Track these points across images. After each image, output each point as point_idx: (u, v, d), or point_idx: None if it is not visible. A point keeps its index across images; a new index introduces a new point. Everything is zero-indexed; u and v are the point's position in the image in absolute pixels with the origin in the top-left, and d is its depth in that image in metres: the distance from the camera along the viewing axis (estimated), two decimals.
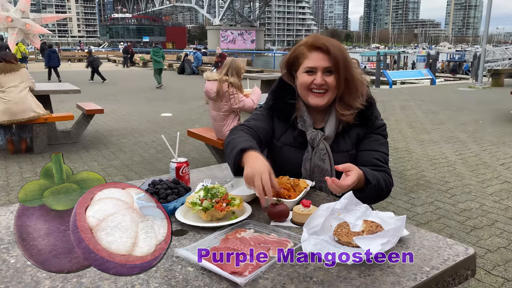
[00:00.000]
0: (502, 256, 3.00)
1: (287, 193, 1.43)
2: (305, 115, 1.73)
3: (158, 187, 1.40)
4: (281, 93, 1.80)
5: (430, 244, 1.18)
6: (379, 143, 1.72)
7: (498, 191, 4.36)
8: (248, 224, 1.30)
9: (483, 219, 3.67)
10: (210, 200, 1.33)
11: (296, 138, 1.75)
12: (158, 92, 13.60)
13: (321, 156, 1.69)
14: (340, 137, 1.72)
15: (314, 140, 1.70)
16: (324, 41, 1.64)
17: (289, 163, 1.75)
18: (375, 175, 1.55)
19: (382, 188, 1.56)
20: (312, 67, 1.65)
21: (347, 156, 1.70)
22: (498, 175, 4.86)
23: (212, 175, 1.84)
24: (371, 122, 1.71)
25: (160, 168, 5.22)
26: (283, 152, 1.77)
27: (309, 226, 1.21)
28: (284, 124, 1.79)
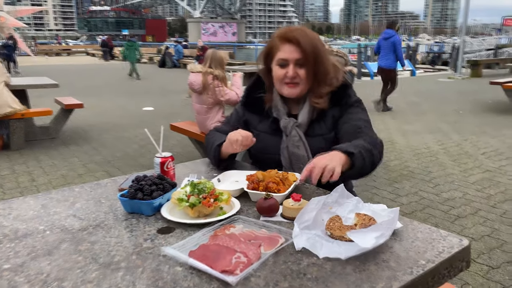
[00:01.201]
0: (486, 244, 3.04)
1: (276, 187, 1.39)
2: (279, 104, 1.75)
3: (143, 183, 1.34)
4: (254, 88, 1.84)
5: (424, 236, 1.16)
6: (356, 113, 1.70)
7: (480, 180, 4.42)
8: (237, 220, 1.25)
9: (466, 208, 3.71)
10: (197, 196, 1.28)
11: (270, 125, 1.77)
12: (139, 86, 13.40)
13: (295, 143, 1.70)
14: (316, 122, 1.72)
15: (287, 127, 1.71)
16: (295, 34, 1.64)
17: (267, 149, 1.77)
18: (355, 144, 1.48)
19: (370, 150, 1.48)
20: (284, 59, 1.66)
21: (322, 140, 1.70)
22: (480, 164, 4.93)
23: (197, 169, 1.79)
24: (344, 101, 1.71)
25: (144, 164, 5.13)
26: (260, 138, 1.76)
27: (301, 221, 1.17)
28: (259, 115, 1.81)
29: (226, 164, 1.76)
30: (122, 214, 1.34)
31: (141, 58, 17.87)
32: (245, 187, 1.43)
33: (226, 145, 1.65)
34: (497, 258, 2.84)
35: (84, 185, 1.61)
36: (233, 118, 1.91)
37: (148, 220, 1.29)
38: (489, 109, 8.57)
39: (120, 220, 1.30)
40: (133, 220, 1.29)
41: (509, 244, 3.02)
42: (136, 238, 1.18)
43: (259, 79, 1.84)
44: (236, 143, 1.58)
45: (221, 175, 1.61)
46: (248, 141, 1.60)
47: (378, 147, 1.55)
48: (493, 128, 6.80)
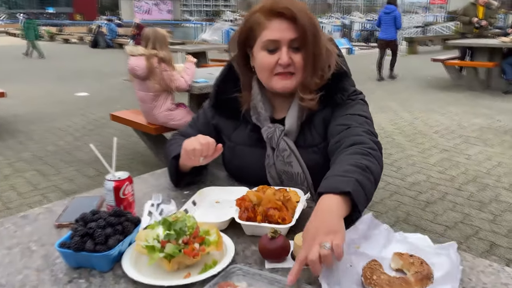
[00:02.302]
0: (462, 232, 2.91)
1: (279, 215, 1.04)
2: (260, 105, 1.32)
3: (92, 225, 0.93)
4: (224, 84, 1.40)
5: (491, 280, 0.86)
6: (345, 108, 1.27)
7: (440, 160, 4.36)
8: (236, 272, 0.89)
9: (433, 192, 3.60)
10: (175, 242, 0.89)
11: (250, 134, 1.36)
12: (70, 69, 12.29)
13: (286, 159, 1.29)
14: (306, 128, 1.32)
15: (272, 138, 1.30)
16: (287, 4, 1.21)
17: (247, 166, 1.37)
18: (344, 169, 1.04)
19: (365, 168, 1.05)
20: (273, 40, 1.22)
21: (318, 153, 1.30)
22: (436, 144, 4.89)
23: (160, 185, 1.39)
24: (338, 97, 1.28)
25: (81, 158, 4.54)
26: (237, 153, 1.38)
27: (326, 274, 0.84)
28: (234, 121, 1.39)
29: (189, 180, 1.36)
30: (64, 271, 0.93)
31: (40, 37, 17.93)
32: (236, 217, 1.06)
33: (183, 158, 1.24)
34: (476, 248, 2.71)
35: (4, 221, 1.16)
36: (200, 120, 1.47)
37: (104, 280, 0.89)
38: (432, 86, 8.73)
39: (62, 282, 0.89)
40: (82, 282, 0.89)
41: (484, 231, 2.92)
42: None
43: (230, 71, 1.39)
44: (194, 155, 1.19)
45: (196, 196, 1.23)
46: (210, 151, 1.19)
47: (375, 155, 1.12)
48: (439, 105, 6.89)
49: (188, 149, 1.18)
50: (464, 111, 6.40)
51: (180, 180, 1.34)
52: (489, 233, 2.90)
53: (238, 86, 1.36)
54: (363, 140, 1.16)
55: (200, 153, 1.16)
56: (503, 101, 7.05)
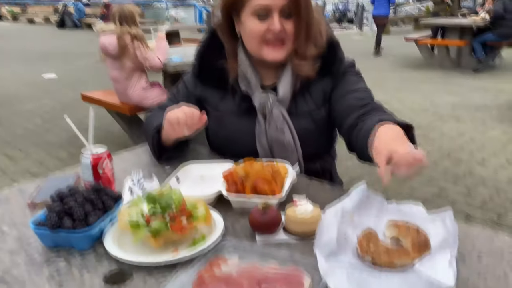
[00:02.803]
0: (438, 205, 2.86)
1: (268, 187, 1.00)
2: (249, 72, 1.28)
3: (70, 201, 0.86)
4: (208, 52, 1.33)
5: (489, 248, 0.85)
6: (353, 81, 1.29)
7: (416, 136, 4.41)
8: (226, 246, 0.85)
9: None
10: (161, 217, 0.84)
11: (239, 103, 1.30)
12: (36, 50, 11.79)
13: (278, 126, 1.26)
14: (299, 96, 1.29)
15: (265, 105, 1.26)
16: None
17: (236, 138, 1.32)
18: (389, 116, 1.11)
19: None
20: (264, 5, 1.17)
21: (310, 120, 1.29)
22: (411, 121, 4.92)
23: (139, 162, 1.32)
24: (336, 68, 1.29)
25: (51, 141, 4.37)
26: (225, 124, 1.33)
27: (321, 245, 0.81)
28: (220, 91, 1.34)
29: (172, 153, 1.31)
30: (40, 252, 0.86)
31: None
32: (223, 190, 1.02)
33: (166, 129, 1.18)
34: None
35: None
36: (181, 93, 1.40)
37: (84, 258, 0.83)
38: (405, 65, 8.82)
39: (39, 264, 0.82)
40: (61, 263, 0.82)
41: (459, 203, 2.99)
42: None
43: (213, 38, 1.32)
44: (178, 125, 1.12)
45: (180, 172, 1.17)
46: (194, 120, 1.13)
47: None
48: (412, 84, 6.97)
49: (172, 118, 1.11)
50: (437, 89, 6.50)
51: (162, 154, 1.28)
52: (464, 205, 2.96)
53: (222, 53, 1.29)
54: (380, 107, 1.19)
55: (184, 123, 1.10)
56: (474, 79, 7.20)
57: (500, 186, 3.22)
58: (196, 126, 1.15)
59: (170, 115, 1.12)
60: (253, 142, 1.28)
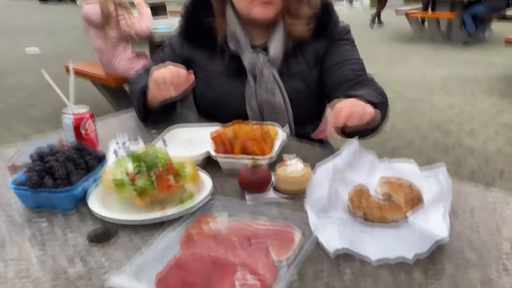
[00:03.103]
0: None
1: (258, 147, 0.97)
2: (238, 31, 1.23)
3: (50, 160, 0.82)
4: (195, 10, 1.29)
5: (480, 203, 0.84)
6: (347, 50, 1.27)
7: (404, 109, 4.41)
8: (215, 205, 0.82)
9: (399, 140, 3.65)
10: (147, 175, 0.81)
11: (228, 64, 1.26)
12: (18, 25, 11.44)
13: (269, 87, 1.23)
14: (291, 57, 1.26)
15: (255, 65, 1.22)
16: None
17: (225, 100, 1.28)
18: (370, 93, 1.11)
19: (385, 104, 1.15)
20: None
21: (301, 81, 1.25)
22: (400, 94, 4.94)
23: (124, 126, 1.28)
24: (330, 29, 1.26)
25: (35, 116, 4.28)
26: (213, 85, 1.28)
27: (312, 202, 0.79)
28: (208, 51, 1.29)
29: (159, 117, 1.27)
30: (21, 213, 0.83)
31: None
32: (211, 151, 0.99)
33: (152, 89, 1.14)
34: None
35: None
36: (167, 55, 1.34)
37: (68, 219, 0.81)
38: (395, 38, 8.75)
39: (20, 225, 0.79)
40: (43, 224, 0.79)
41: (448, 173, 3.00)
42: (54, 258, 0.69)
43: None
44: (164, 85, 1.08)
45: (166, 135, 1.14)
46: (181, 80, 1.09)
47: (386, 98, 1.19)
48: (403, 57, 6.93)
49: (158, 77, 1.07)
50: (427, 62, 6.48)
51: (148, 117, 1.24)
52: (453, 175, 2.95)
53: (210, 12, 1.24)
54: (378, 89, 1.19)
55: (170, 83, 1.06)
56: (464, 52, 7.18)
57: (489, 157, 3.24)
58: (183, 87, 1.11)
59: (155, 74, 1.08)
60: (242, 104, 1.24)
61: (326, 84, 1.25)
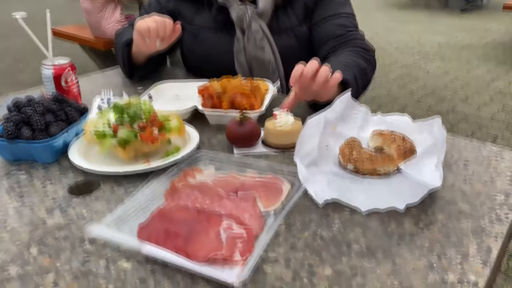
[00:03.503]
0: None
1: (247, 102, 0.93)
2: None
3: (28, 110, 0.78)
4: None
5: (474, 156, 0.82)
6: (339, 4, 1.21)
7: (400, 75, 4.36)
8: (202, 158, 0.79)
9: (393, 105, 3.63)
10: (129, 126, 0.77)
11: (215, 17, 1.20)
12: None
13: (258, 42, 1.17)
14: (281, 11, 1.20)
15: (243, 19, 1.16)
16: None
17: (213, 55, 1.23)
18: (347, 62, 1.06)
19: (364, 69, 1.08)
20: None
21: (292, 36, 1.20)
22: (395, 60, 4.88)
23: (110, 83, 1.24)
24: None
25: (24, 81, 4.19)
26: (200, 40, 1.23)
27: (301, 154, 0.76)
28: (195, 3, 1.23)
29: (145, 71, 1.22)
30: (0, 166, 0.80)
31: None
32: (199, 106, 0.95)
33: (136, 41, 1.08)
34: None
35: None
36: (152, 7, 1.28)
37: (48, 171, 0.77)
38: (390, 5, 8.57)
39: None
40: (22, 176, 0.76)
41: None
42: (32, 209, 0.67)
43: None
44: (149, 35, 1.02)
45: (152, 90, 1.09)
46: (167, 31, 1.03)
47: (372, 61, 1.13)
48: (398, 23, 6.81)
49: (142, 28, 1.01)
50: (423, 29, 6.37)
51: (133, 72, 1.19)
52: None
53: None
54: (365, 47, 1.14)
55: (155, 33, 1.00)
56: (461, 19, 7.06)
57: (482, 123, 3.23)
58: (170, 38, 1.05)
59: (139, 24, 1.02)
60: (231, 60, 1.19)
61: (315, 39, 1.19)
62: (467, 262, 0.55)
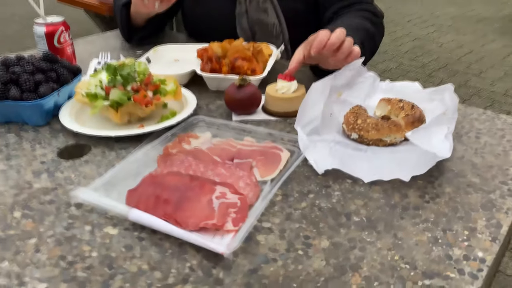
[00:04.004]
0: None
1: (248, 66, 0.88)
2: None
3: (16, 69, 0.75)
4: None
5: (487, 127, 0.77)
6: None
7: (412, 48, 4.24)
8: (199, 124, 0.76)
9: (404, 78, 3.53)
10: (122, 88, 0.73)
11: None
12: None
13: (260, 5, 1.10)
14: None
15: None
16: None
17: (214, 18, 1.16)
18: (355, 26, 0.99)
19: (373, 35, 1.01)
20: None
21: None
22: (408, 32, 4.73)
23: (109, 45, 1.19)
24: None
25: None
26: (201, 2, 1.17)
27: (303, 121, 0.71)
28: None
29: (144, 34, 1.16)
30: None
31: None
32: (197, 69, 0.90)
33: (135, 1, 1.03)
34: None
35: None
36: None
37: (38, 133, 0.74)
38: None
39: None
40: (10, 137, 0.73)
41: None
42: (19, 172, 0.64)
43: None
44: None
45: (150, 52, 1.05)
46: None
47: (380, 26, 1.06)
48: None
49: None
50: (438, 1, 6.16)
51: (132, 34, 1.14)
52: None
53: None
54: (373, 10, 1.07)
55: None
56: None
57: (496, 98, 3.14)
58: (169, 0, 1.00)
59: None
60: (233, 23, 1.14)
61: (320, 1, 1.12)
62: (474, 238, 0.51)
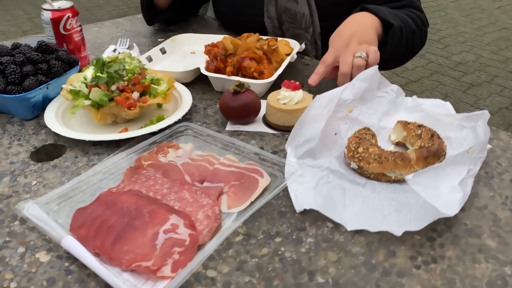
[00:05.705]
0: (505, 119, 2.59)
1: (256, 67, 0.78)
2: None
3: (4, 60, 0.72)
4: None
5: None
6: None
7: (496, 39, 3.80)
8: (185, 132, 0.68)
9: (481, 74, 3.18)
10: (105, 87, 0.68)
11: None
12: None
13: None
14: None
15: None
16: None
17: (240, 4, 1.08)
18: (395, 13, 0.90)
19: (414, 31, 0.91)
20: None
21: None
22: (495, 21, 4.25)
23: (134, 31, 1.15)
24: None
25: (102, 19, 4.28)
26: None
27: (297, 141, 0.61)
28: None
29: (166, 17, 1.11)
30: None
31: None
32: (202, 67, 0.82)
33: None
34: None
35: None
36: None
37: (23, 128, 0.72)
38: None
39: None
40: None
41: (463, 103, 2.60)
42: None
43: None
44: None
45: (168, 42, 0.98)
46: None
47: (423, 33, 0.96)
48: None
49: None
50: None
51: (153, 16, 1.09)
52: None
53: None
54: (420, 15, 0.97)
55: None
56: None
57: None
58: None
59: None
60: (262, 11, 1.03)
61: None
62: None
